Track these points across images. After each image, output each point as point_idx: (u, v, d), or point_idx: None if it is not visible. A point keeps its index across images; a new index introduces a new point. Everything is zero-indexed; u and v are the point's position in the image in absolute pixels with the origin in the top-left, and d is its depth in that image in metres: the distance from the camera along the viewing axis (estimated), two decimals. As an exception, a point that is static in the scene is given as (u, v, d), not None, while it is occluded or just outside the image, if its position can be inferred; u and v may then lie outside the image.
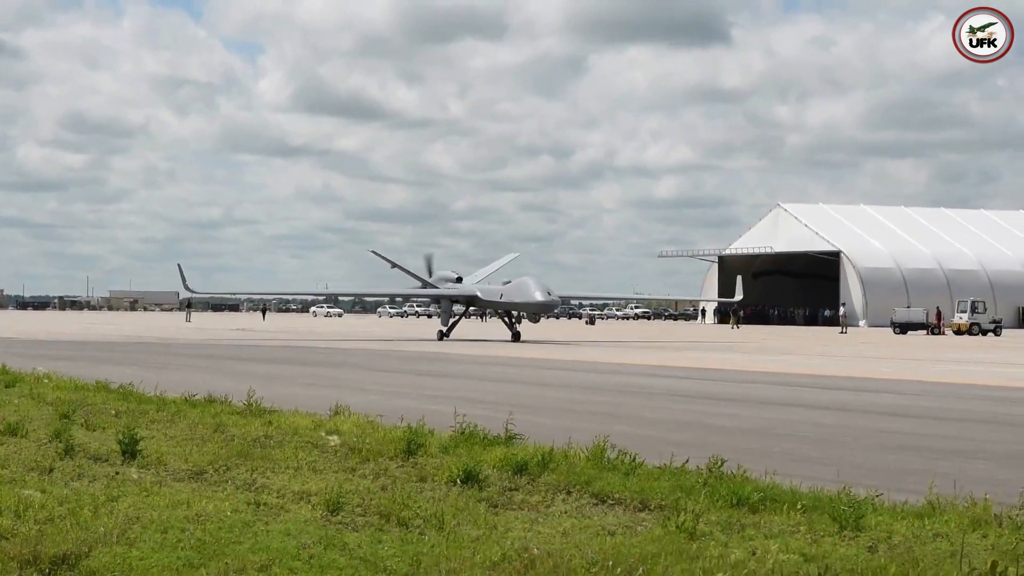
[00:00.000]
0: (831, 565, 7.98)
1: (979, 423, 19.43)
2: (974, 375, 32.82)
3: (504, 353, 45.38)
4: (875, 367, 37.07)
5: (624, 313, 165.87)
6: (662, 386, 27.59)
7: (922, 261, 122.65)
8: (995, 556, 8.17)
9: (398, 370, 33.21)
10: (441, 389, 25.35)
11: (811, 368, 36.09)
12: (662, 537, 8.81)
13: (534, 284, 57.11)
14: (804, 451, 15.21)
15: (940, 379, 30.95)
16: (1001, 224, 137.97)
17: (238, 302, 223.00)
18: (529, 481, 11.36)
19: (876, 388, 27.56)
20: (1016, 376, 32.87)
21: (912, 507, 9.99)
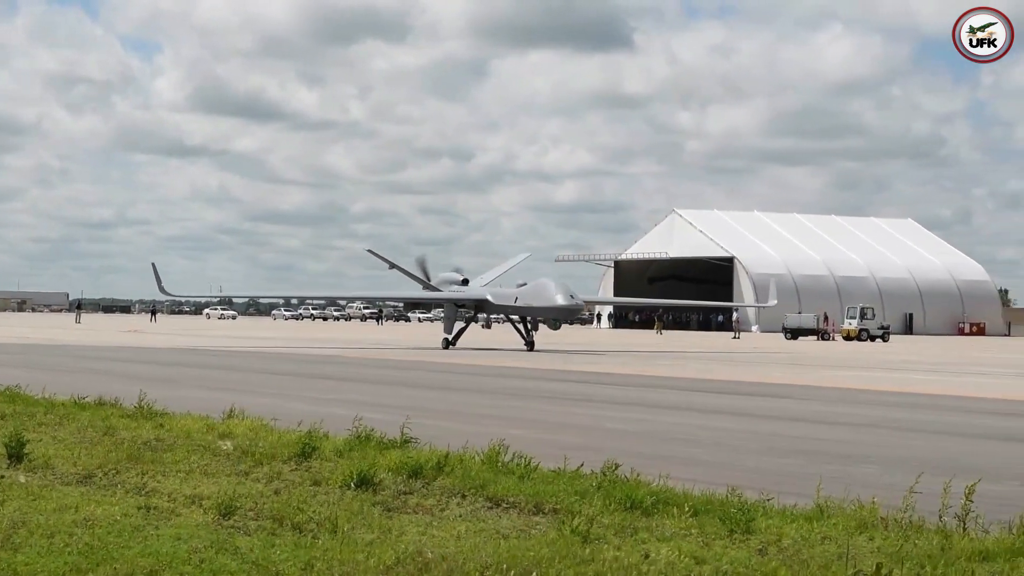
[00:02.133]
0: (721, 567, 8.07)
1: (868, 427, 19.76)
2: (864, 380, 33.37)
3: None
4: (767, 372, 37.55)
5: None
6: (561, 390, 27.69)
7: (813, 267, 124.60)
8: (881, 558, 8.33)
9: (296, 373, 32.97)
10: (342, 393, 25.22)
11: (707, 373, 36.47)
12: (556, 540, 8.84)
13: (555, 286, 52.26)
14: (697, 455, 15.36)
15: (832, 384, 31.44)
16: (890, 232, 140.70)
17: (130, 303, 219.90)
18: (424, 485, 11.34)
19: (768, 393, 27.92)
20: (907, 381, 33.49)
21: (801, 510, 10.13)
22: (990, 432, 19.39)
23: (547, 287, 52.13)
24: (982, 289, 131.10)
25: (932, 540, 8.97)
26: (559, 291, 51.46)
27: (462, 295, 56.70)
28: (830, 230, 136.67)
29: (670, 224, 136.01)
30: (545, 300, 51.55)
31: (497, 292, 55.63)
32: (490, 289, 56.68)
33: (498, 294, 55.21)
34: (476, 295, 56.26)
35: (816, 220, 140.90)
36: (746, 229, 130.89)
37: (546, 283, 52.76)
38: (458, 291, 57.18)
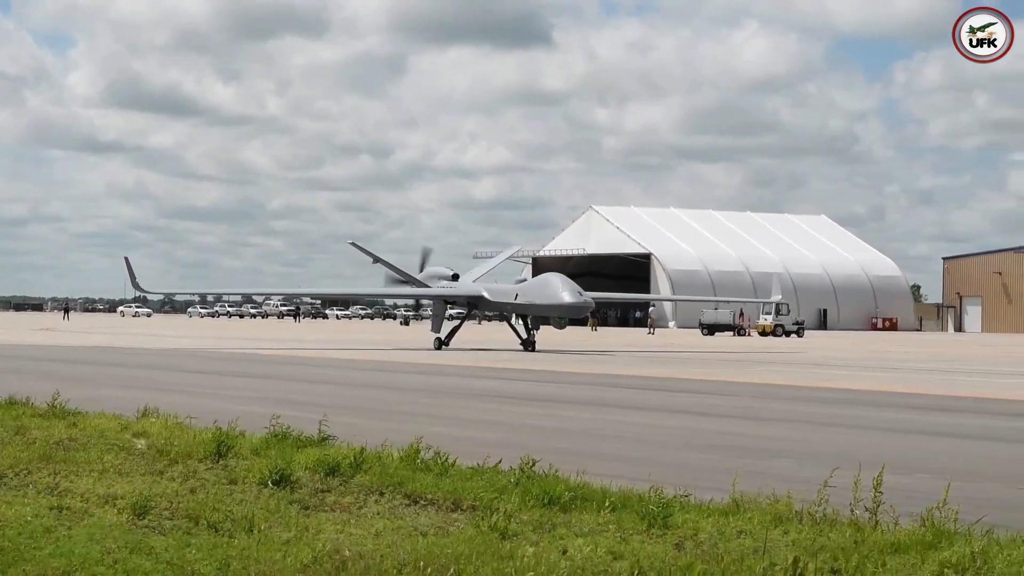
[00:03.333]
0: (638, 562, 8.11)
1: (784, 422, 19.97)
2: (780, 376, 33.72)
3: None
4: (688, 368, 37.82)
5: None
6: (485, 387, 27.70)
7: (729, 264, 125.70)
8: (796, 552, 8.41)
9: (217, 371, 32.69)
10: (261, 391, 25.04)
11: (628, 369, 36.65)
12: (474, 537, 8.84)
13: (561, 282, 48.67)
14: (615, 450, 15.44)
15: (751, 380, 31.73)
16: (804, 228, 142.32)
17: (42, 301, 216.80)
18: (342, 482, 11.29)
19: (687, 389, 28.13)
20: (822, 376, 33.88)
21: (718, 505, 10.20)
22: (902, 426, 19.66)
23: (552, 283, 48.99)
24: (894, 285, 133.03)
25: (845, 533, 9.09)
26: (566, 288, 48.09)
27: (453, 291, 53.35)
28: (745, 227, 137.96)
29: (587, 220, 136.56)
30: (550, 297, 48.09)
31: (494, 288, 52.25)
32: (486, 285, 53.21)
33: (495, 290, 51.79)
34: (470, 291, 52.67)
35: (732, 217, 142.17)
36: (663, 226, 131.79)
37: (551, 279, 49.90)
38: (448, 287, 53.68)
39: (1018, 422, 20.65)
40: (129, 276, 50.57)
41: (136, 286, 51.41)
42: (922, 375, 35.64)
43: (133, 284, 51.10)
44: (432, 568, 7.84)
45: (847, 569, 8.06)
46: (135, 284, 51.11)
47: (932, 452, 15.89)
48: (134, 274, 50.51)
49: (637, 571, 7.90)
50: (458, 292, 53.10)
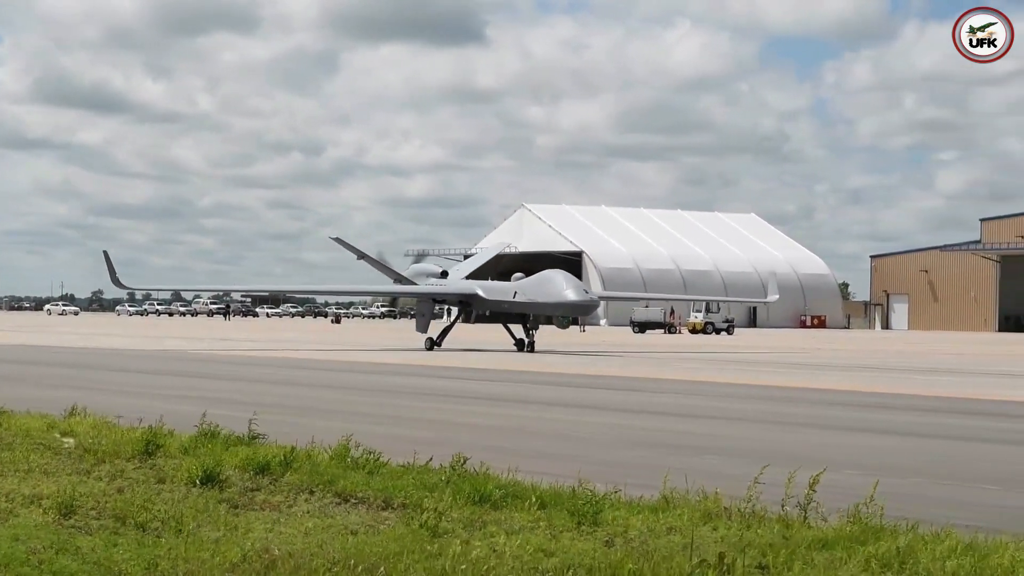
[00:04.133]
0: (568, 559, 8.13)
1: (715, 419, 20.10)
2: (712, 373, 33.94)
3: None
4: (609, 365, 37.95)
5: (370, 312, 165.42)
6: (416, 385, 27.65)
7: (660, 262, 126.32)
8: (723, 548, 8.47)
9: (148, 370, 32.39)
10: (192, 389, 24.83)
11: (560, 367, 36.72)
12: (405, 535, 8.83)
13: (564, 280, 46.45)
14: (546, 448, 15.47)
15: (680, 377, 31.91)
16: (734, 227, 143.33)
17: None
18: (271, 481, 11.22)
19: (617, 386, 28.23)
20: (752, 374, 34.14)
21: (648, 502, 10.25)
22: (832, 422, 19.86)
23: (554, 281, 46.46)
24: (823, 283, 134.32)
25: (774, 529, 9.16)
26: (570, 285, 46.02)
27: (444, 290, 50.66)
28: (676, 225, 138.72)
29: (519, 218, 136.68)
30: (552, 295, 45.70)
31: (489, 286, 49.81)
32: (480, 283, 50.66)
33: (490, 288, 49.33)
34: (462, 289, 49.93)
35: (663, 215, 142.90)
36: (594, 223, 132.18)
37: (553, 276, 47.22)
38: (437, 285, 50.90)
39: (943, 418, 20.92)
40: (108, 271, 48.26)
41: (116, 281, 49.08)
42: (851, 372, 35.99)
43: (112, 279, 48.80)
44: (362, 566, 7.81)
45: (775, 565, 8.12)
46: (115, 279, 48.77)
47: (861, 448, 16.05)
48: (114, 269, 48.18)
49: (567, 568, 7.92)
50: (449, 290, 50.45)
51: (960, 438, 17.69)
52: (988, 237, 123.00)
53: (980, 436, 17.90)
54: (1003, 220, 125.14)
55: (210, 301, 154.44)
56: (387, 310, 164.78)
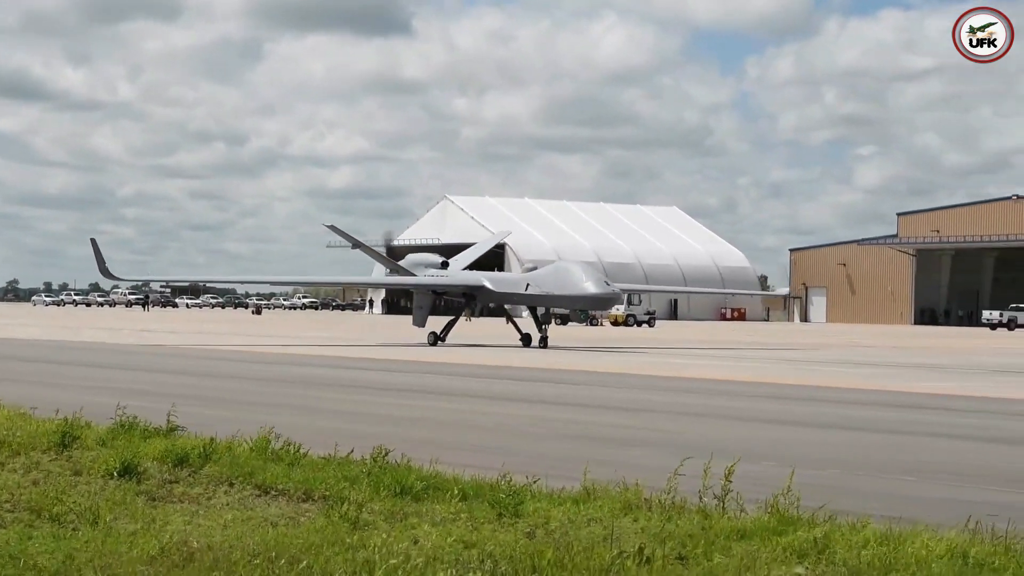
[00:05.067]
0: (490, 551, 8.14)
1: (637, 411, 20.21)
2: (633, 365, 34.10)
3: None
4: (543, 358, 38.02)
5: (292, 303, 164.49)
6: (342, 377, 27.54)
7: (583, 254, 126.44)
8: (644, 539, 8.52)
9: (66, 361, 31.97)
10: (109, 380, 24.55)
11: (486, 359, 36.73)
12: (325, 527, 8.79)
13: (582, 271, 43.93)
14: (469, 440, 15.48)
15: (604, 368, 32.04)
16: (656, 219, 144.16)
17: None
18: (191, 473, 11.13)
19: (544, 378, 28.30)
20: (673, 366, 34.35)
21: (569, 493, 10.28)
22: (751, 414, 20.04)
23: (572, 272, 43.84)
24: (743, 275, 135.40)
25: (693, 520, 9.22)
26: (589, 277, 43.15)
27: (447, 281, 47.61)
28: (599, 217, 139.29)
29: (442, 210, 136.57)
30: (571, 288, 42.75)
31: (498, 277, 47.85)
32: (486, 274, 48.61)
33: (499, 280, 47.00)
34: (467, 281, 47.15)
35: (585, 207, 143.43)
36: (517, 215, 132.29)
37: (570, 267, 44.86)
38: (438, 276, 47.94)
39: (860, 410, 21.17)
40: (96, 260, 45.09)
41: (105, 272, 45.92)
42: (768, 364, 36.32)
43: (101, 269, 45.65)
44: (282, 559, 7.77)
45: (694, 555, 8.19)
46: (103, 269, 45.65)
47: (778, 440, 16.22)
48: (102, 258, 44.95)
49: (488, 560, 7.93)
50: (453, 282, 47.59)
51: (876, 430, 17.91)
52: (905, 231, 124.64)
53: (896, 428, 18.14)
54: (919, 215, 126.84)
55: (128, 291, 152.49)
56: (309, 301, 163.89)
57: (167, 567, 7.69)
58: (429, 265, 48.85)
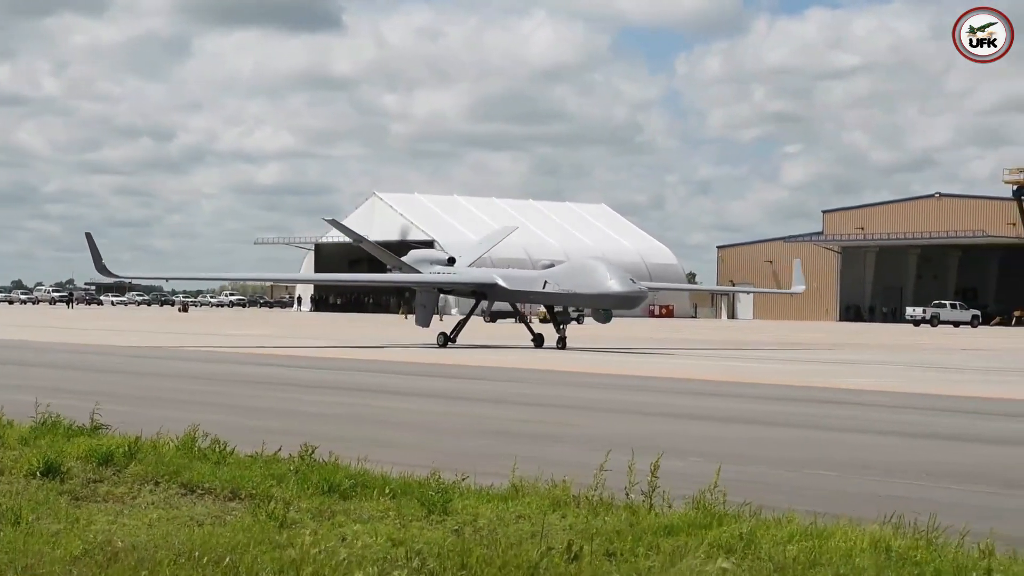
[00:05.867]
0: (418, 549, 8.12)
1: (563, 408, 20.25)
2: (553, 361, 34.17)
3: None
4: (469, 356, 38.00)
5: (219, 300, 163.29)
6: (262, 374, 27.37)
7: (511, 251, 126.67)
8: (572, 535, 8.54)
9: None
10: (31, 378, 24.22)
11: (415, 357, 36.65)
12: (252, 526, 8.73)
13: (607, 268, 41.16)
14: (397, 437, 15.44)
15: (529, 365, 32.08)
16: (585, 216, 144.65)
17: None
18: (115, 472, 11.01)
19: (469, 375, 28.29)
20: (601, 362, 34.47)
21: (497, 490, 10.29)
22: (676, 410, 20.16)
23: (594, 269, 41.26)
24: (671, 272, 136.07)
25: (621, 516, 9.26)
26: (614, 275, 40.42)
27: (455, 279, 44.92)
28: (528, 214, 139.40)
29: (371, 207, 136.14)
30: (594, 286, 40.04)
31: (511, 275, 44.65)
32: (498, 271, 46.17)
33: (513, 277, 44.00)
34: (478, 278, 44.46)
35: (514, 204, 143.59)
36: (446, 213, 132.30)
37: (592, 264, 42.39)
38: (444, 273, 45.27)
39: (785, 406, 21.37)
40: (92, 256, 41.22)
41: (101, 268, 41.69)
42: (697, 360, 36.54)
43: (97, 266, 41.62)
44: (208, 558, 7.71)
45: (622, 551, 8.22)
46: (100, 266, 41.51)
47: (704, 436, 16.33)
48: (99, 254, 41.17)
49: (416, 557, 7.91)
50: (462, 280, 44.72)
51: (801, 426, 18.09)
52: (830, 229, 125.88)
53: (819, 424, 18.33)
54: (844, 212, 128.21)
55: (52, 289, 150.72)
56: (237, 299, 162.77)
57: (91, 567, 7.60)
58: (435, 262, 46.63)
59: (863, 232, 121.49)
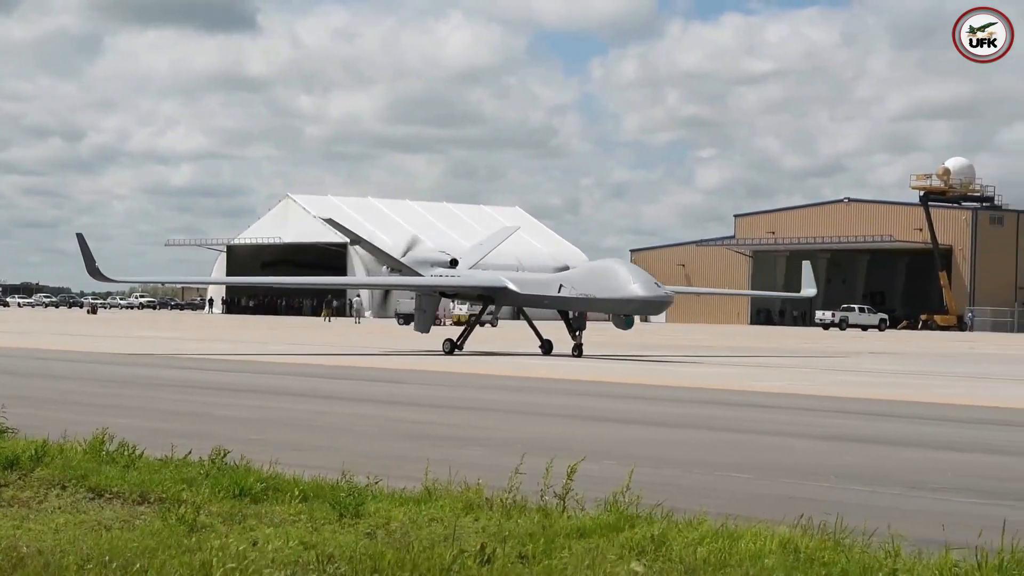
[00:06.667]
0: (330, 552, 8.08)
1: (478, 411, 20.27)
2: (474, 365, 34.19)
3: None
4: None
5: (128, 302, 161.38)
6: (179, 378, 27.09)
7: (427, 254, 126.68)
8: (485, 538, 8.55)
9: None
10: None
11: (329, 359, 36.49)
12: (161, 530, 8.64)
13: (628, 271, 38.66)
14: (311, 440, 15.36)
15: (445, 369, 32.05)
16: (499, 219, 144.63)
17: None
18: (21, 476, 10.83)
19: (386, 378, 28.22)
20: (516, 365, 34.52)
21: (411, 493, 10.27)
22: (590, 413, 20.24)
23: (616, 273, 38.55)
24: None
25: (534, 519, 9.28)
26: (637, 279, 38.00)
27: (459, 282, 42.59)
28: (442, 217, 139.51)
29: (284, 209, 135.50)
30: (616, 290, 37.79)
31: (523, 278, 42.47)
32: (507, 274, 43.84)
33: (524, 281, 41.82)
34: (486, 282, 42.20)
35: (429, 207, 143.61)
36: (360, 215, 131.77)
37: (614, 267, 39.37)
38: (448, 276, 42.88)
39: (697, 408, 21.55)
40: (85, 260, 38.68)
41: (95, 272, 38.89)
42: (607, 363, 36.68)
43: (90, 270, 38.84)
44: (116, 563, 7.61)
45: (534, 554, 8.24)
46: (93, 270, 38.79)
47: (620, 439, 16.42)
48: (92, 257, 38.68)
49: (328, 560, 7.87)
50: (468, 283, 42.43)
51: (714, 428, 18.25)
52: (741, 233, 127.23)
53: (731, 426, 18.49)
54: (756, 216, 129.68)
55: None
56: (147, 300, 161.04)
57: (-5, 573, 7.48)
58: (435, 263, 44.18)
59: (774, 236, 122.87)
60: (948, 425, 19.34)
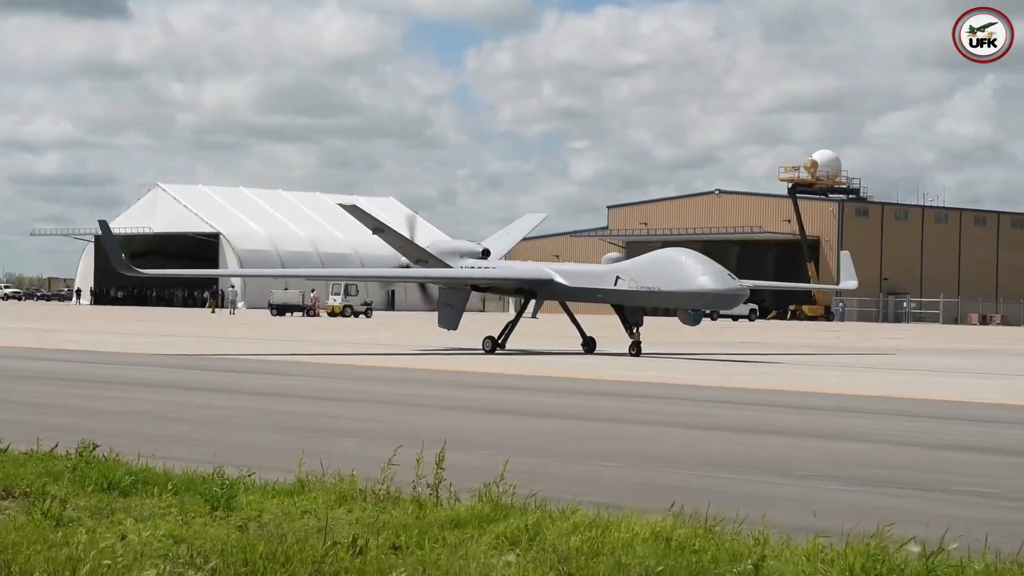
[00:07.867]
0: (200, 546, 7.99)
1: (352, 402, 20.18)
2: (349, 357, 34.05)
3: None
4: (256, 348, 37.56)
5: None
6: (50, 370, 26.55)
7: (299, 244, 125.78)
8: (358, 529, 8.52)
9: None
10: None
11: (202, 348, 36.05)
12: (26, 525, 8.46)
13: (696, 262, 35.00)
14: (183, 433, 15.18)
15: (323, 361, 31.87)
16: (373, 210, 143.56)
17: None
18: None
19: (262, 370, 27.96)
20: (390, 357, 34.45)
21: (283, 485, 10.19)
22: (463, 404, 20.27)
23: (683, 264, 35.06)
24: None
25: (408, 510, 9.27)
26: (707, 270, 34.57)
27: (496, 274, 39.10)
28: (315, 207, 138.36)
29: (154, 198, 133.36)
30: (681, 282, 34.51)
31: (571, 270, 39.06)
32: (553, 265, 40.06)
33: (572, 273, 38.39)
34: (528, 274, 38.89)
35: (301, 197, 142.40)
36: (232, 205, 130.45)
37: (679, 258, 35.98)
38: (480, 268, 39.13)
39: (574, 399, 21.70)
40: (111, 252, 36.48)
41: (122, 264, 36.17)
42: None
43: (117, 262, 36.23)
44: (-22, 560, 7.44)
45: (407, 544, 8.23)
46: (120, 262, 36.17)
47: (494, 429, 16.46)
48: (119, 250, 36.90)
49: (198, 554, 7.78)
50: (506, 275, 38.99)
51: (587, 418, 18.38)
52: (615, 224, 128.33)
53: (606, 416, 18.65)
54: (629, 207, 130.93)
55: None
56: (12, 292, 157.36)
57: None
58: (465, 254, 39.89)
59: (647, 227, 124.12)
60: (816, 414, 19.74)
